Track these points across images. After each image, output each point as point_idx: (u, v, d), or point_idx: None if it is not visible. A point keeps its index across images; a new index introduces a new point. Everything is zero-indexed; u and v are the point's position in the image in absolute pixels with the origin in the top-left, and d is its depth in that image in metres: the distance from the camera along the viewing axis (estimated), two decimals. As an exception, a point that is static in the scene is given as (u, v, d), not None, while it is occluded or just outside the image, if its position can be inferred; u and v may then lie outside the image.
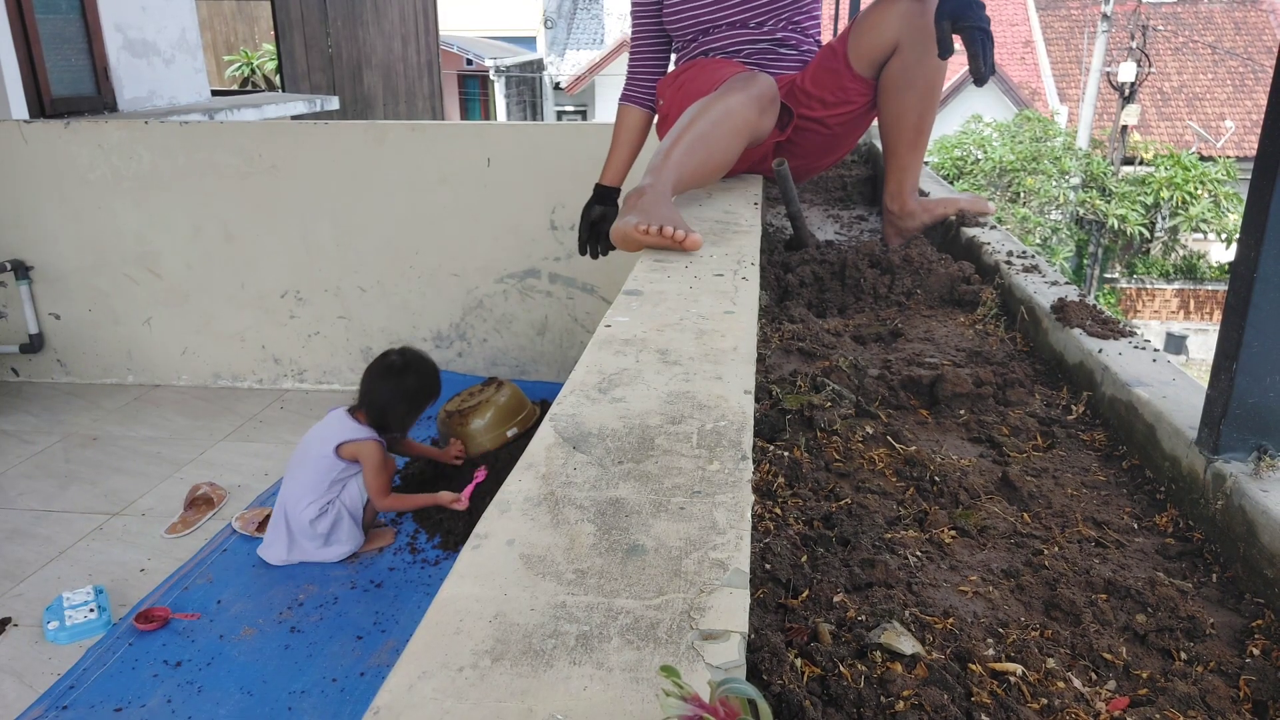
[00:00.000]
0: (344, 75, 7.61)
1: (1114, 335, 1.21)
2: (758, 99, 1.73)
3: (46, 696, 1.98)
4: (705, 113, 1.67)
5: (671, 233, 1.38)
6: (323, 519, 2.46)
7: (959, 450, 1.05)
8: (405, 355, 2.66)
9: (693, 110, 1.68)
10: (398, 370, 2.60)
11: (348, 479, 2.52)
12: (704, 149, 1.64)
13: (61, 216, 3.64)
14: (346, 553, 2.50)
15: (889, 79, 1.82)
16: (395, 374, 2.59)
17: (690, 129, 1.64)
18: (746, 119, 1.71)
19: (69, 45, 4.57)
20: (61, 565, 2.49)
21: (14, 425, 3.40)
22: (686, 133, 1.63)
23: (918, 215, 1.93)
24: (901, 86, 1.81)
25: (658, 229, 1.39)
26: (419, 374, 2.64)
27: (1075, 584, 0.78)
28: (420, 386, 2.63)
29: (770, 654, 0.64)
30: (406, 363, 2.63)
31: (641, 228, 1.39)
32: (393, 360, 2.63)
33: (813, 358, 1.32)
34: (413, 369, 2.63)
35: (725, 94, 1.71)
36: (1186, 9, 16.92)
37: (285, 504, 2.47)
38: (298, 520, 2.44)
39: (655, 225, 1.39)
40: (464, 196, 3.55)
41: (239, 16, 14.02)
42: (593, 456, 0.75)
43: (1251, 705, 0.66)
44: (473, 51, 16.83)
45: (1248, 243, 0.79)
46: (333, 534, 2.48)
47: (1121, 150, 13.80)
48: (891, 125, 1.87)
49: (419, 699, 0.49)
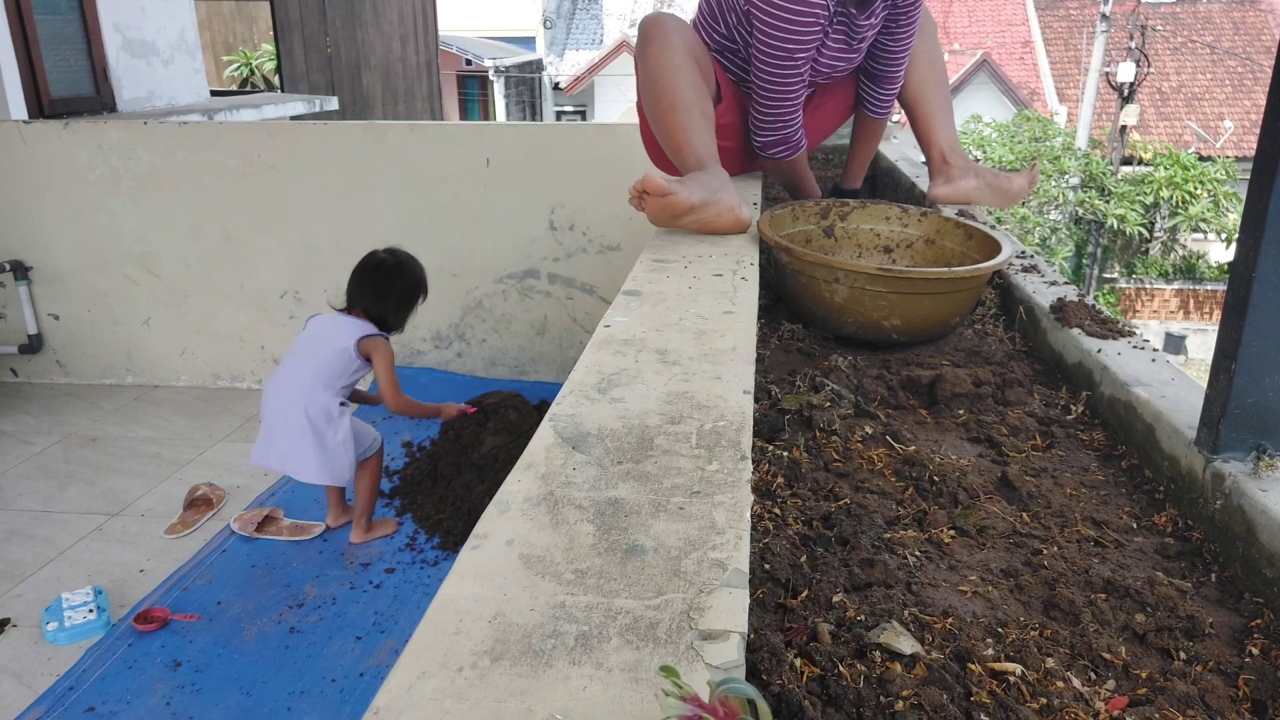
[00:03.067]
0: (343, 76, 7.61)
1: (1113, 335, 1.21)
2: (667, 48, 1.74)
3: (46, 697, 1.98)
4: (666, 95, 1.71)
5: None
6: (341, 422, 2.39)
7: (958, 450, 1.05)
8: (395, 254, 2.58)
9: (662, 102, 1.72)
10: (391, 267, 2.54)
11: (358, 380, 2.46)
12: (692, 110, 1.70)
13: (60, 217, 3.64)
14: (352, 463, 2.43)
15: (911, 60, 1.94)
16: (389, 270, 2.53)
17: (673, 112, 1.70)
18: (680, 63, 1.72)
19: (68, 45, 4.57)
20: (61, 566, 2.48)
21: (13, 426, 3.40)
22: (673, 115, 1.69)
23: (974, 171, 1.97)
24: (925, 61, 1.96)
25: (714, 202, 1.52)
26: (411, 270, 2.58)
27: (1074, 584, 0.78)
28: (413, 282, 2.57)
29: (770, 654, 0.64)
30: (398, 261, 2.56)
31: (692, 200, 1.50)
32: (383, 258, 2.55)
33: (812, 357, 1.32)
34: (405, 266, 2.56)
35: (661, 68, 1.73)
36: (1185, 9, 16.93)
37: (286, 400, 2.38)
38: (313, 419, 2.35)
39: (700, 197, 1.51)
40: (463, 197, 3.55)
41: (238, 17, 14.02)
42: (592, 457, 0.75)
43: (1250, 705, 0.66)
44: (472, 52, 16.83)
45: (1247, 242, 0.80)
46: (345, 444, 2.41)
47: (1120, 150, 13.80)
48: (921, 95, 1.98)
49: (418, 699, 0.49)
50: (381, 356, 2.43)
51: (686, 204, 1.49)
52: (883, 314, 1.31)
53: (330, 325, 2.46)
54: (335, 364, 2.39)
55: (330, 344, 2.40)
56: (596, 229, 3.53)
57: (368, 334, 2.43)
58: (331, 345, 2.40)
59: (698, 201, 1.50)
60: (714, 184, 1.56)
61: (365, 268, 2.54)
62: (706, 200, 1.52)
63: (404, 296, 2.54)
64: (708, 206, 1.52)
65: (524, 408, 3.06)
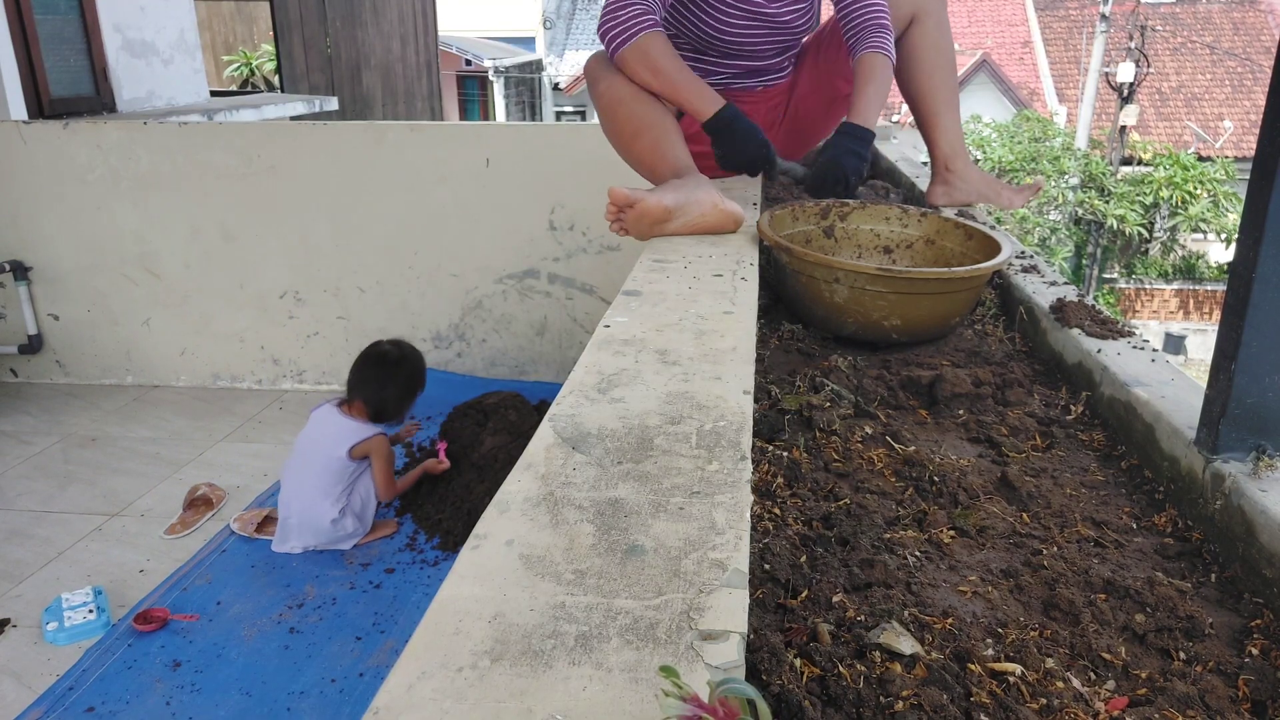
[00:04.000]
0: (343, 76, 7.61)
1: (1113, 335, 1.21)
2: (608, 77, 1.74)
3: (45, 697, 1.98)
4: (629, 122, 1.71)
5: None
6: (344, 519, 2.50)
7: (958, 450, 1.05)
8: (399, 346, 2.71)
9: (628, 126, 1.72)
10: (394, 360, 2.65)
11: (360, 474, 2.56)
12: (655, 136, 1.69)
13: (60, 217, 3.64)
14: (361, 536, 2.57)
15: (914, 48, 1.92)
16: (392, 364, 2.64)
17: (637, 138, 1.70)
18: (632, 93, 1.71)
19: (68, 45, 4.57)
20: (60, 566, 2.48)
21: (13, 426, 3.40)
22: (638, 141, 1.70)
23: (973, 182, 1.95)
24: (930, 50, 1.91)
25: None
26: (412, 363, 2.69)
27: (1074, 584, 0.78)
28: (413, 375, 2.68)
29: (769, 654, 0.64)
30: (402, 353, 2.68)
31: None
32: (387, 350, 2.67)
33: (812, 357, 1.32)
34: (407, 358, 2.68)
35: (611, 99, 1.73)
36: (1185, 9, 16.93)
37: (298, 506, 2.49)
38: (318, 523, 2.48)
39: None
40: (463, 197, 3.55)
41: (238, 17, 14.02)
42: (592, 457, 0.75)
43: (1250, 705, 0.66)
44: (472, 52, 16.83)
45: (1246, 242, 0.80)
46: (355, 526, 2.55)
47: (1120, 150, 13.80)
48: (926, 88, 1.94)
49: (418, 699, 0.49)
50: (378, 457, 2.56)
51: (660, 207, 1.46)
52: (883, 314, 1.32)
53: (329, 428, 2.55)
54: (330, 473, 2.49)
55: (326, 451, 2.51)
56: (596, 229, 3.53)
57: (360, 439, 2.52)
58: (328, 453, 2.50)
59: (672, 203, 1.47)
60: (688, 185, 1.54)
61: (368, 359, 2.66)
62: (683, 201, 1.49)
63: (405, 389, 2.65)
64: (688, 207, 1.49)
65: (524, 408, 3.06)
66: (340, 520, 2.49)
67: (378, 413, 2.59)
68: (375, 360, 2.64)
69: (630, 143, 1.70)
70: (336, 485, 2.49)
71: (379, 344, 2.70)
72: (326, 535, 2.50)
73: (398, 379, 2.62)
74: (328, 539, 2.51)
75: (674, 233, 1.52)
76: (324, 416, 2.58)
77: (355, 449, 2.51)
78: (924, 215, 1.62)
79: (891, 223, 1.64)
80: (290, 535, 2.51)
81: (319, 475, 2.48)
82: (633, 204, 1.45)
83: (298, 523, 2.50)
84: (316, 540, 2.51)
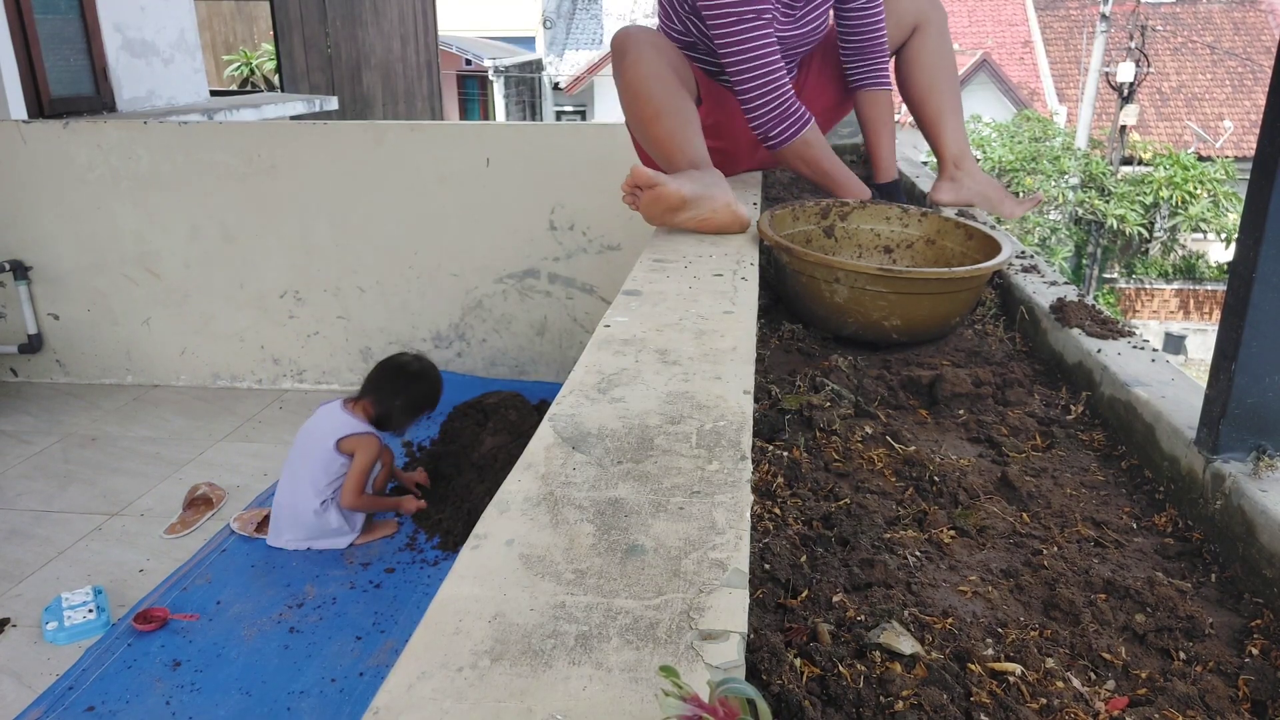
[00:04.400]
0: (343, 75, 7.61)
1: (1113, 335, 1.21)
2: (646, 59, 1.73)
3: (45, 697, 1.98)
4: (653, 100, 1.70)
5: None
6: (327, 512, 2.50)
7: (958, 450, 1.05)
8: (421, 362, 2.74)
9: (650, 107, 1.71)
10: (413, 373, 2.68)
11: (340, 481, 2.56)
12: (676, 117, 1.68)
13: (60, 217, 3.64)
14: (351, 539, 2.55)
15: (918, 55, 1.95)
16: (410, 376, 2.67)
17: (657, 121, 1.69)
18: (657, 72, 1.71)
19: (68, 45, 4.57)
20: (60, 566, 2.48)
21: (13, 426, 3.40)
22: (657, 124, 1.69)
23: (980, 183, 1.97)
24: (934, 56, 1.95)
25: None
26: (430, 382, 2.72)
27: (1074, 584, 0.78)
28: (427, 394, 2.70)
29: (769, 654, 0.64)
30: (423, 369, 2.71)
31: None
32: (408, 362, 2.70)
33: (812, 357, 1.32)
34: (426, 376, 2.71)
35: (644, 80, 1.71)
36: (1185, 9, 16.93)
37: (288, 497, 2.50)
38: (304, 513, 2.48)
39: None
40: (463, 197, 3.55)
41: (238, 16, 14.02)
42: (592, 456, 0.75)
43: (1250, 705, 0.66)
44: (472, 52, 16.83)
45: (1246, 242, 0.80)
46: (340, 523, 2.54)
47: (1120, 150, 13.80)
48: (931, 93, 1.96)
49: (418, 699, 0.49)
50: (361, 455, 2.53)
51: (678, 195, 1.47)
52: (883, 314, 1.31)
53: (326, 421, 2.56)
54: (319, 464, 2.49)
55: (318, 442, 2.52)
56: (596, 229, 3.53)
57: (350, 433, 2.52)
58: (319, 444, 2.51)
59: (689, 194, 1.48)
60: (707, 179, 1.54)
61: (388, 365, 2.69)
62: (699, 194, 1.49)
63: (413, 403, 2.66)
64: (702, 201, 1.50)
65: (524, 408, 3.06)
66: (323, 514, 2.48)
67: (380, 418, 2.61)
68: (395, 368, 2.67)
69: (649, 124, 1.69)
70: (322, 477, 2.49)
71: (404, 354, 2.74)
72: (312, 528, 2.49)
73: (410, 391, 2.64)
74: (315, 533, 2.50)
75: (682, 224, 1.52)
76: (326, 410, 2.60)
77: (344, 441, 2.51)
78: (924, 215, 1.62)
79: (892, 223, 1.64)
80: (282, 529, 2.52)
81: (308, 466, 2.50)
82: (653, 186, 1.45)
83: (286, 514, 2.50)
84: (304, 534, 2.50)
